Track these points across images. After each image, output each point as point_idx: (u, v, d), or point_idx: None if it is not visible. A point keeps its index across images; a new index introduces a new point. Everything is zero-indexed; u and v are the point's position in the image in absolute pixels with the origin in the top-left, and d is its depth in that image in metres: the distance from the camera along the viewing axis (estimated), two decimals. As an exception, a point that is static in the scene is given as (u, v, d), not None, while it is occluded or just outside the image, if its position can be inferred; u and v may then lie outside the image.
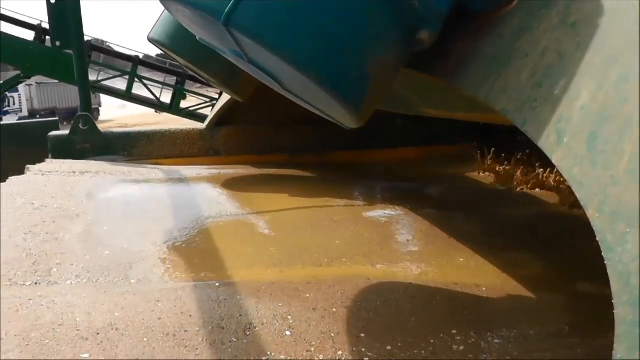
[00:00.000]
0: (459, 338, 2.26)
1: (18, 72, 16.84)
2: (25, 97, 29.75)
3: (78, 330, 2.25)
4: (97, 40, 19.22)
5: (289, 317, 2.44)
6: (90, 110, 5.94)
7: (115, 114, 21.04)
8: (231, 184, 5.04)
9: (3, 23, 16.28)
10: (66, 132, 5.76)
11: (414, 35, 1.85)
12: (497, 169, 5.34)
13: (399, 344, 2.23)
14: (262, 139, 6.21)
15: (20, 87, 29.53)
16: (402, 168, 6.05)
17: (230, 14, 1.59)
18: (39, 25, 16.31)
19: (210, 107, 15.08)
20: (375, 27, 1.75)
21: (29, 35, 16.69)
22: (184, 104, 17.03)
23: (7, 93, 27.57)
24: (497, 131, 5.10)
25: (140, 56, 18.08)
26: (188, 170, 5.51)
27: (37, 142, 5.81)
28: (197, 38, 2.41)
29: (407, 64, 2.00)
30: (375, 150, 6.37)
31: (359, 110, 1.96)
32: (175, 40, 4.33)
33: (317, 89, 1.78)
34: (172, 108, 16.90)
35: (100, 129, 5.85)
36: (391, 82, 2.06)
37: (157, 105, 17.45)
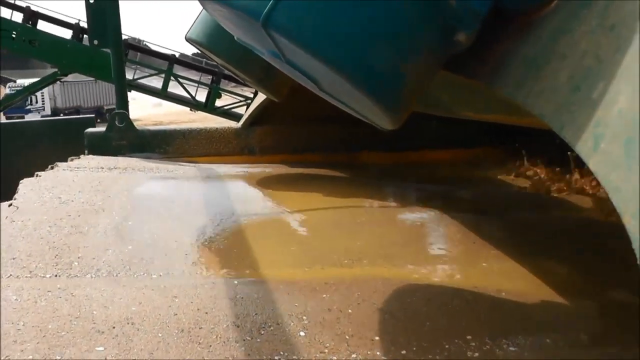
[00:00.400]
0: (473, 344, 2.22)
1: (55, 69, 17.39)
2: (49, 96, 29.84)
3: (94, 323, 2.28)
4: (134, 39, 19.66)
5: (304, 317, 2.44)
6: (126, 108, 6.08)
7: (150, 112, 21.51)
8: (263, 183, 5.07)
9: (41, 22, 16.79)
10: (102, 129, 5.92)
11: (452, 37, 1.84)
12: (532, 173, 5.25)
13: (414, 348, 2.21)
14: (297, 139, 6.24)
15: None
16: (436, 170, 6.00)
17: (268, 14, 1.61)
18: (77, 24, 16.75)
19: (245, 106, 15.23)
20: (413, 28, 1.75)
21: (66, 33, 17.17)
22: (219, 103, 17.27)
23: None
24: (533, 135, 5.01)
25: (177, 55, 18.41)
26: (220, 167, 5.58)
27: (74, 138, 5.97)
28: (235, 38, 2.45)
29: (444, 65, 1.99)
30: (408, 152, 6.33)
31: (395, 112, 1.96)
32: (213, 40, 4.44)
33: (354, 90, 1.80)
34: (207, 106, 17.15)
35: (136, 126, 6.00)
36: (428, 84, 2.05)
37: (192, 103, 17.73)
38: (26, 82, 30.45)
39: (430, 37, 1.81)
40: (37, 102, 28.80)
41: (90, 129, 5.97)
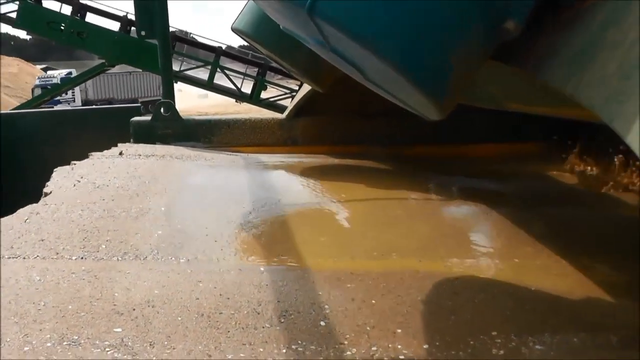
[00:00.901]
0: (499, 341, 2.15)
1: (102, 61, 17.94)
2: (79, 87, 29.43)
3: (115, 305, 2.31)
4: (181, 31, 20.04)
5: (326, 306, 2.41)
6: (172, 98, 6.20)
7: (195, 103, 21.86)
8: (305, 173, 5.06)
9: (90, 14, 17.34)
10: (148, 117, 6.07)
11: (500, 26, 1.79)
12: (580, 169, 5.06)
13: (437, 343, 2.15)
14: (340, 130, 6.24)
15: (73, 76, 30.51)
16: (481, 164, 5.87)
17: (314, 2, 1.62)
18: (125, 16, 17.20)
19: (290, 99, 15.33)
20: (461, 16, 1.71)
21: (114, 26, 17.67)
22: (264, 95, 17.43)
23: (59, 82, 28.74)
24: (582, 128, 4.82)
25: (223, 47, 18.67)
26: (262, 157, 5.63)
27: (121, 126, 6.13)
28: (281, 27, 2.45)
29: (492, 55, 1.95)
30: (454, 145, 6.23)
31: (442, 102, 1.93)
32: (259, 31, 4.49)
33: (400, 78, 1.77)
34: (253, 98, 17.34)
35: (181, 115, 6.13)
36: (475, 74, 2.02)
37: (238, 95, 17.97)
38: (56, 73, 31.15)
39: (480, 25, 1.77)
40: (66, 93, 28.36)
41: (136, 118, 6.12)
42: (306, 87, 5.98)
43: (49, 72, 31.76)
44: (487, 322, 2.31)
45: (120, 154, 5.01)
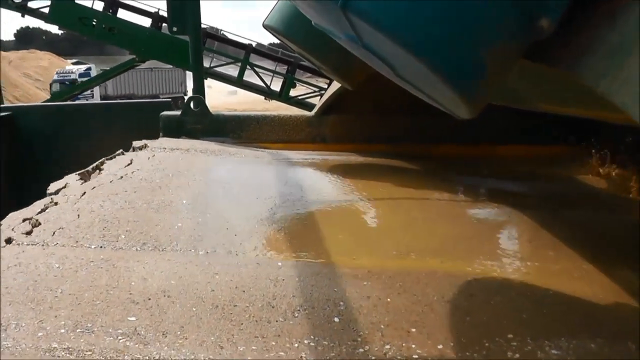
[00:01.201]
0: (514, 344, 2.12)
1: (133, 56, 18.29)
2: None
3: (131, 294, 2.34)
4: (212, 28, 20.33)
5: (341, 303, 2.41)
6: (203, 93, 6.29)
7: (225, 100, 22.14)
8: (332, 170, 5.06)
9: (121, 10, 17.68)
10: (178, 112, 6.16)
11: (534, 23, 1.78)
12: (606, 172, 4.95)
13: (451, 344, 2.13)
14: (369, 128, 6.25)
15: (93, 71, 30.61)
16: (509, 165, 5.80)
17: None
18: (156, 12, 17.53)
19: (319, 97, 15.39)
20: (495, 12, 1.70)
21: (145, 22, 17.99)
22: (293, 93, 17.54)
23: (77, 78, 29.01)
24: (609, 131, 4.72)
25: (253, 44, 18.84)
26: (289, 153, 5.67)
27: (150, 120, 6.23)
28: (313, 23, 2.48)
29: (524, 53, 1.95)
30: (482, 146, 6.18)
31: (473, 100, 1.92)
32: (290, 28, 4.54)
33: (432, 75, 1.77)
34: (282, 96, 17.50)
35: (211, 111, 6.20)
36: (507, 73, 2.01)
37: (267, 92, 18.13)
38: (74, 68, 31.45)
39: (514, 23, 1.75)
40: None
41: (165, 112, 6.22)
42: (335, 85, 6.01)
43: (67, 68, 32.04)
44: (502, 324, 2.28)
45: (145, 146, 5.10)
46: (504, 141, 6.21)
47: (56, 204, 3.43)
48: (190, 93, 8.39)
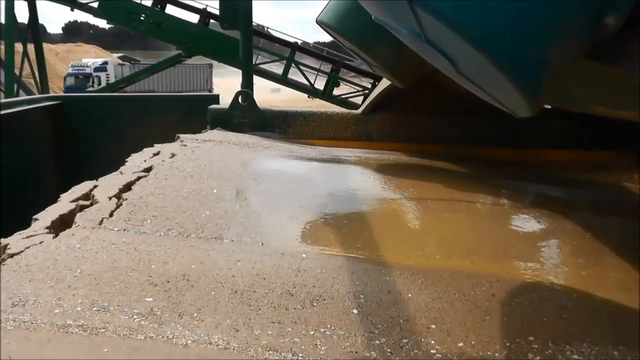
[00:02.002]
0: (535, 346, 2.09)
1: (179, 51, 18.71)
2: (116, 77, 29.31)
3: (150, 276, 2.38)
4: (258, 25, 20.62)
5: (362, 296, 2.40)
6: (251, 88, 6.39)
7: (268, 97, 22.37)
8: (376, 168, 5.07)
9: (170, 6, 18.10)
10: (226, 106, 6.27)
11: (600, 21, 1.77)
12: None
13: (472, 342, 2.11)
14: (417, 128, 6.22)
15: (110, 66, 30.78)
16: (555, 170, 5.69)
17: None
18: (204, 9, 17.89)
19: (362, 97, 15.41)
20: (562, 9, 1.69)
21: (193, 18, 18.37)
22: (336, 92, 17.60)
23: (92, 72, 29.24)
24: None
25: (299, 42, 19.00)
26: (332, 150, 5.70)
27: (199, 113, 6.36)
28: (373, 18, 2.51)
29: (587, 52, 1.94)
30: (532, 150, 6.08)
31: (535, 98, 1.92)
32: (343, 24, 4.59)
33: (495, 71, 1.77)
34: (325, 94, 17.58)
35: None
36: (569, 71, 2.01)
37: (310, 90, 18.25)
38: (90, 62, 31.67)
39: (579, 20, 1.75)
40: (99, 84, 28.24)
41: (213, 105, 6.34)
42: (384, 83, 6.00)
43: (83, 61, 32.20)
44: (523, 326, 2.25)
45: (177, 137, 5.21)
46: (551, 146, 6.10)
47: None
48: (215, 90, 8.50)
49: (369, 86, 16.91)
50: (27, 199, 5.70)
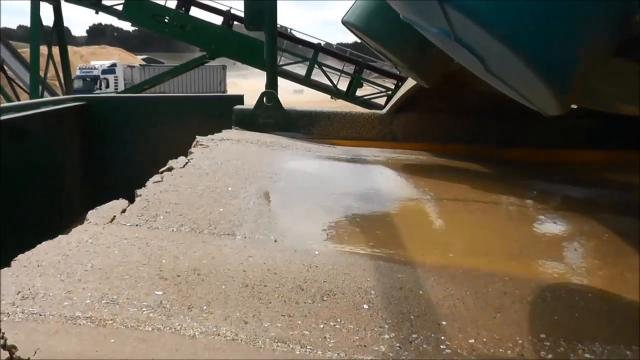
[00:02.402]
0: (547, 344, 2.08)
1: (203, 53, 18.88)
2: (125, 79, 29.52)
3: (160, 271, 2.41)
4: (281, 26, 20.72)
5: (372, 292, 2.41)
6: (275, 88, 6.44)
7: (291, 98, 22.36)
8: (398, 168, 5.08)
9: (194, 8, 18.29)
10: (251, 106, 6.33)
11: (628, 20, 1.78)
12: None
13: (484, 339, 2.10)
14: (441, 128, 6.21)
15: (118, 68, 30.20)
16: (583, 171, 5.62)
17: None
18: (228, 11, 18.04)
19: (385, 97, 15.38)
20: (592, 8, 1.73)
21: (217, 20, 18.52)
22: (359, 93, 17.59)
23: (100, 75, 29.14)
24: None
25: (322, 44, 19.04)
26: (354, 149, 5.71)
27: (224, 114, 6.42)
28: (401, 17, 2.54)
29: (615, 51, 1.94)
30: (557, 150, 6.02)
31: (564, 97, 1.94)
32: (370, 24, 4.66)
33: (525, 69, 1.79)
34: (348, 95, 17.58)
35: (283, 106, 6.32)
36: (598, 70, 2.01)
37: (333, 91, 18.27)
38: (97, 64, 31.45)
39: (609, 18, 1.78)
40: (107, 86, 28.29)
41: (238, 106, 6.40)
42: (409, 84, 6.00)
43: (91, 63, 32.04)
44: (534, 324, 2.24)
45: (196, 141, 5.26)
46: (577, 146, 6.03)
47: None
48: (238, 91, 8.58)
49: (392, 87, 16.88)
50: (55, 199, 5.83)
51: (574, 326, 2.26)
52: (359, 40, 5.36)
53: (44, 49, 18.71)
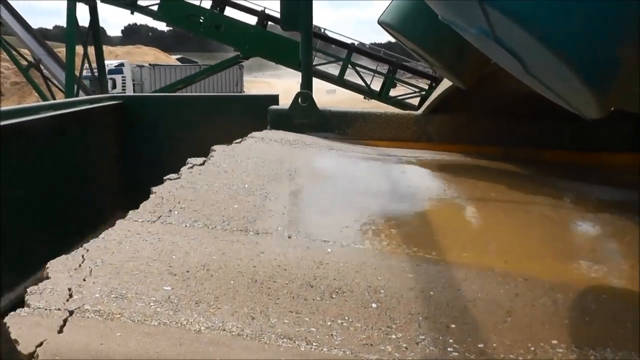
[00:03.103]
0: (560, 350, 2.05)
1: (237, 53, 19.11)
2: (133, 79, 29.38)
3: (170, 266, 2.45)
4: (315, 26, 20.80)
5: (382, 291, 2.41)
6: (310, 89, 6.49)
7: (324, 99, 22.42)
8: (432, 169, 5.11)
9: (228, 8, 18.52)
10: (286, 106, 6.39)
11: None
12: None
13: (494, 345, 2.08)
14: (477, 130, 6.15)
15: (126, 68, 29.67)
16: (619, 174, 5.49)
17: None
18: (262, 11, 18.22)
19: (419, 98, 15.30)
20: (633, 8, 1.71)
21: (251, 20, 18.72)
22: (392, 93, 17.53)
23: (108, 75, 29.29)
24: None
25: (355, 44, 19.07)
26: (388, 150, 5.70)
27: (259, 114, 6.49)
28: (439, 17, 2.56)
29: None
30: (594, 153, 5.90)
31: (605, 99, 1.94)
32: (406, 24, 4.70)
33: (566, 71, 1.80)
34: (381, 95, 17.55)
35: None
36: (637, 71, 2.01)
37: (367, 91, 18.26)
38: (112, 63, 31.17)
39: None
40: (114, 87, 27.78)
41: (273, 106, 6.47)
42: (445, 84, 5.96)
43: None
44: (545, 328, 2.21)
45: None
46: (616, 149, 5.90)
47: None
48: (263, 92, 8.59)
49: (426, 87, 16.78)
50: (92, 199, 5.98)
51: (585, 332, 2.23)
52: (392, 40, 5.36)
53: (79, 49, 19.18)
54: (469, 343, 2.09)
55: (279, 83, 33.70)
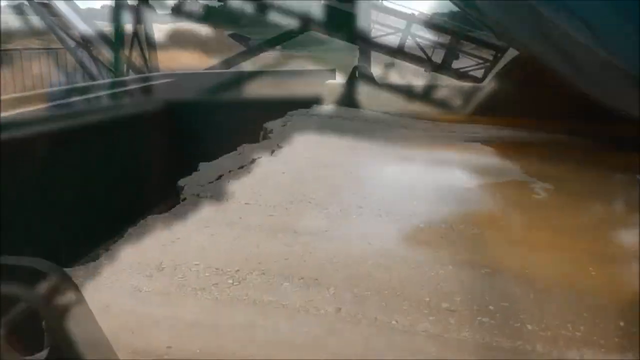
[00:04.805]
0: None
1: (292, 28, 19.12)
2: None
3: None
4: (373, -3, 20.52)
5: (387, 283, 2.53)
6: (369, 63, 6.53)
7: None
8: (489, 144, 5.10)
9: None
10: (342, 81, 6.46)
11: None
12: None
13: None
14: (542, 104, 6.09)
15: None
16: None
17: None
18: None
19: (482, 69, 14.94)
20: None
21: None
22: (455, 65, 17.16)
23: None
24: None
25: (416, 14, 18.71)
26: (450, 126, 5.67)
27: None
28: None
29: None
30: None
31: None
32: None
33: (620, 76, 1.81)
34: (443, 68, 17.22)
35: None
36: None
37: (427, 64, 17.95)
38: None
39: None
40: None
41: (330, 81, 6.55)
42: (509, 56, 5.90)
43: None
44: (555, 325, 2.28)
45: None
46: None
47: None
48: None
49: (490, 58, 16.35)
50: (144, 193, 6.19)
51: (590, 331, 2.26)
52: (455, 9, 5.30)
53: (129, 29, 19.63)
54: (468, 329, 2.25)
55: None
